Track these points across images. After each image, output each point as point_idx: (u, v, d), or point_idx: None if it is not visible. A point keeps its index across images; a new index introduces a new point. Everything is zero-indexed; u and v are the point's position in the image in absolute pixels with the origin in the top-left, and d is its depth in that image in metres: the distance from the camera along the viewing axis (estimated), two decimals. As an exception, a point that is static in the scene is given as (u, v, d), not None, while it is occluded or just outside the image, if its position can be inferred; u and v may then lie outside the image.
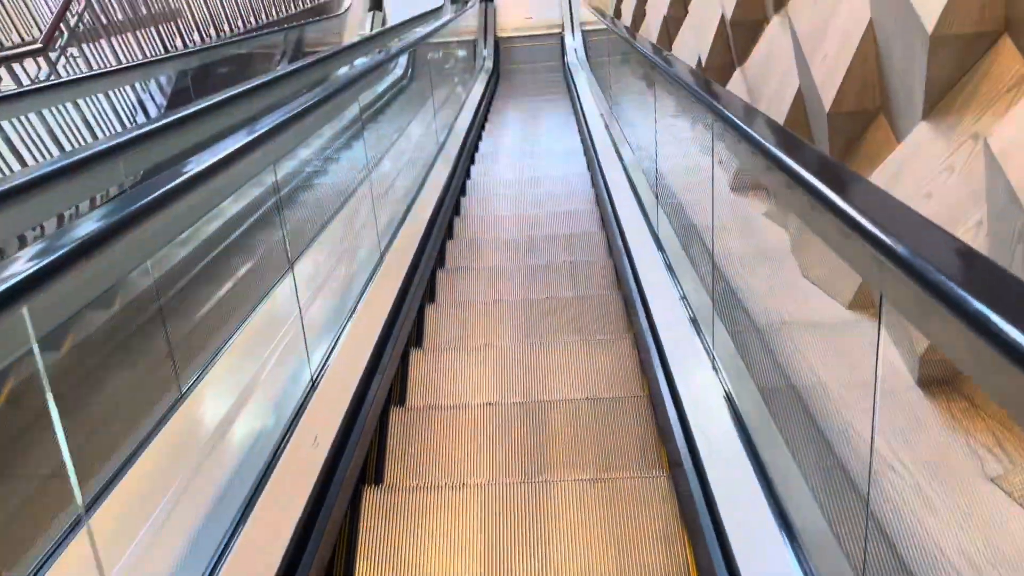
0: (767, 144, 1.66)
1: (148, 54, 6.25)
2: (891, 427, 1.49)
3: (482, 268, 4.52)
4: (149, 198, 1.46)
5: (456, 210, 5.57)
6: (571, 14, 11.09)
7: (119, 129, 5.47)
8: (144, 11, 6.08)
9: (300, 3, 10.69)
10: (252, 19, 8.61)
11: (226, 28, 7.91)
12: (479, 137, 7.16)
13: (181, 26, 6.81)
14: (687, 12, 5.86)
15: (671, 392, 2.49)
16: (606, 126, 6.53)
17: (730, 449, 1.95)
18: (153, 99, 6.20)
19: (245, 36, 7.05)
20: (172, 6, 6.79)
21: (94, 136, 5.22)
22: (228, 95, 3.49)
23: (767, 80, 3.61)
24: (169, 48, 6.54)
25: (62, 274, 1.16)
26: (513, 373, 3.14)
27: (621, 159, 5.63)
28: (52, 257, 1.15)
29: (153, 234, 1.53)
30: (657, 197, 3.61)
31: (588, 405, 2.82)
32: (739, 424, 2.01)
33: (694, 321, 2.68)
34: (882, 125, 2.65)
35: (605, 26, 6.94)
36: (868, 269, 1.13)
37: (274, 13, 9.26)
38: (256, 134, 2.05)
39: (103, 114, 5.38)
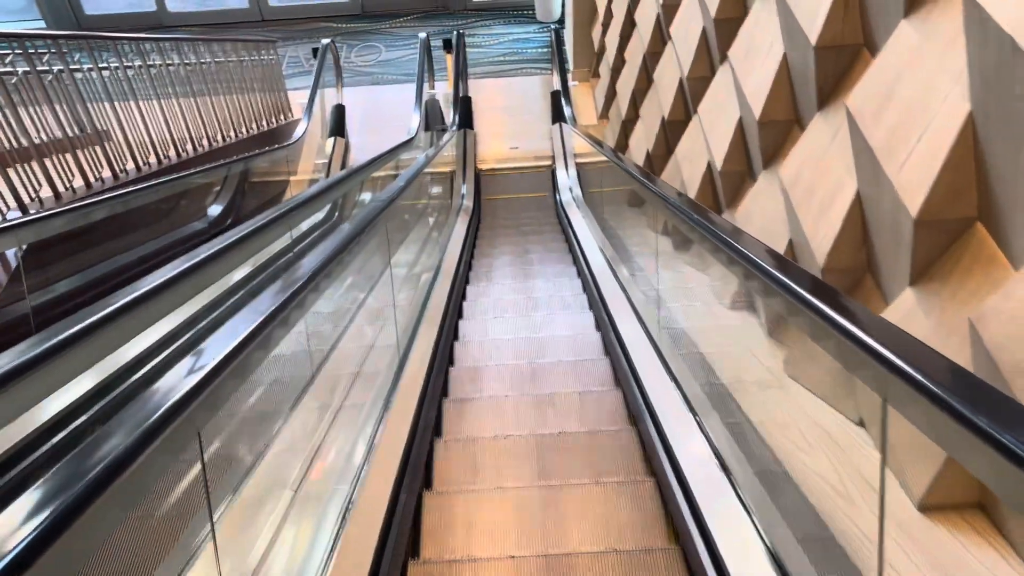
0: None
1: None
2: None
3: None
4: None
5: (437, 427, 3.71)
6: (563, 145, 9.54)
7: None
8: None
9: (247, 129, 9.01)
10: (173, 153, 6.84)
11: (131, 166, 6.10)
12: (459, 314, 5.30)
13: (53, 167, 4.99)
14: (754, 178, 4.18)
15: None
16: (631, 305, 4.77)
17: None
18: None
19: (131, 188, 5.23)
20: (39, 139, 4.99)
21: None
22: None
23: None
24: (23, 198, 4.70)
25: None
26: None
27: (651, 338, 3.90)
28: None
29: None
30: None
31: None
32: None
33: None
34: None
35: (615, 164, 5.27)
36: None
37: (204, 144, 7.52)
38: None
39: None
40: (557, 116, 10.06)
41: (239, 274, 4.50)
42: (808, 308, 1.84)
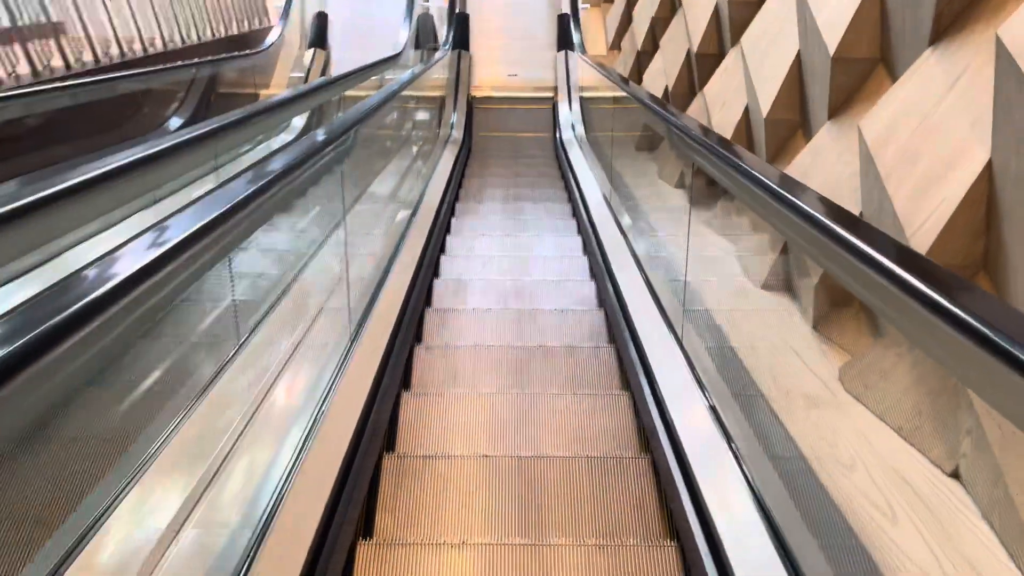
0: None
1: None
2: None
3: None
4: None
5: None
6: (568, 75, 8.57)
7: None
8: None
9: (212, 31, 7.97)
10: (115, 50, 5.86)
11: (57, 63, 5.15)
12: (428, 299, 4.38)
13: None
14: (810, 131, 3.31)
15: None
16: (635, 259, 3.98)
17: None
18: None
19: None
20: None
21: None
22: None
23: None
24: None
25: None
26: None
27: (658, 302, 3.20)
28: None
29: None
30: None
31: None
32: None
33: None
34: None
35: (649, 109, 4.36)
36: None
37: (158, 43, 6.53)
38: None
39: None
40: (564, 43, 9.05)
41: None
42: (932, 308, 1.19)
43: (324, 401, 2.35)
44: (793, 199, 1.87)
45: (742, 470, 2.20)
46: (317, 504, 1.99)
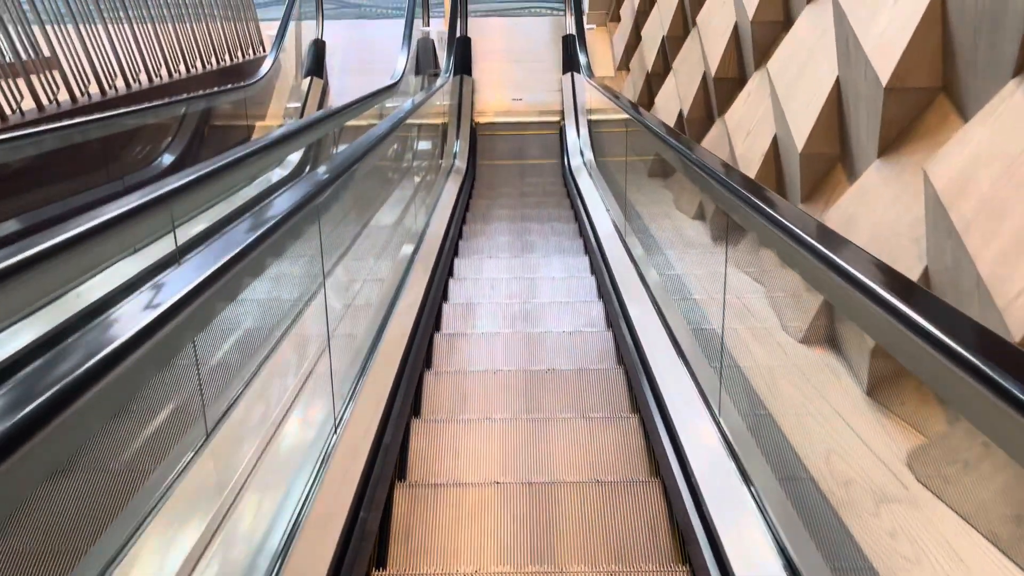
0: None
1: None
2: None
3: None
4: None
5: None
6: (575, 99, 8.20)
7: None
8: None
9: (203, 63, 7.65)
10: (95, 89, 5.53)
11: (29, 105, 4.82)
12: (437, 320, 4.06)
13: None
14: (854, 168, 2.90)
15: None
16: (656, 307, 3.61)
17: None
18: None
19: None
20: None
21: None
22: None
23: None
24: None
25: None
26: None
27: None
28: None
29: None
30: None
31: None
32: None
33: None
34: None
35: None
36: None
37: (143, 79, 6.19)
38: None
39: None
40: (569, 64, 8.69)
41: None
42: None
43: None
44: (864, 279, 1.48)
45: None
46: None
